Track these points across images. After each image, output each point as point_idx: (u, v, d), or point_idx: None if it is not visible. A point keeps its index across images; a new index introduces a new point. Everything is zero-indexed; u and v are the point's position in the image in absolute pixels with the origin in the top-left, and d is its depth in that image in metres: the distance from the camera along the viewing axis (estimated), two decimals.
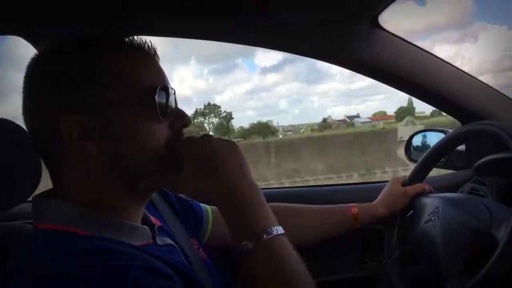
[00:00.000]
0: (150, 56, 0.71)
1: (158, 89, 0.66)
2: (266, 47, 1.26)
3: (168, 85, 0.70)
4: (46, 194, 0.70)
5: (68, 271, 0.54)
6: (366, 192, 1.33)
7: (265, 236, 0.63)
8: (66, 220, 0.63)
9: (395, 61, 1.21)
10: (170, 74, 0.73)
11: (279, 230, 0.64)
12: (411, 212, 1.11)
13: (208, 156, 0.67)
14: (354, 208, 1.09)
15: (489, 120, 1.25)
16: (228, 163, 0.67)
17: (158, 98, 0.66)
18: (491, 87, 1.31)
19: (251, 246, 0.62)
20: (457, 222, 0.91)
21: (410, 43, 1.22)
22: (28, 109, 0.68)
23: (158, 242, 0.73)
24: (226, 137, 0.71)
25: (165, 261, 0.64)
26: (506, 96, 1.32)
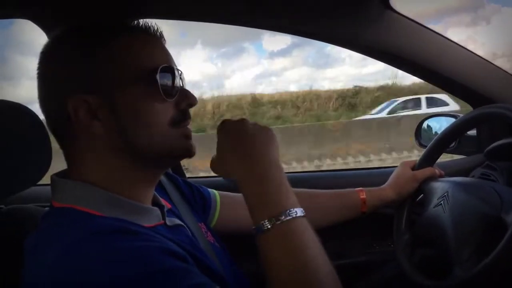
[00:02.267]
0: (155, 38, 0.72)
1: (160, 69, 0.67)
2: (274, 30, 1.25)
3: (173, 66, 0.71)
4: (63, 174, 0.71)
5: (86, 253, 0.54)
6: (374, 176, 1.32)
7: (283, 217, 0.63)
8: (81, 201, 0.64)
9: (406, 44, 1.19)
10: (177, 58, 0.74)
11: (299, 212, 0.65)
12: (420, 196, 1.11)
13: (239, 136, 0.70)
14: (363, 192, 1.09)
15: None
16: (256, 144, 0.69)
17: (161, 78, 0.67)
18: (505, 71, 1.29)
19: (269, 227, 0.63)
20: (466, 206, 0.90)
21: (422, 25, 1.20)
22: (41, 93, 0.70)
23: (168, 223, 0.74)
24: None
25: (175, 242, 0.64)
26: None
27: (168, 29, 0.75)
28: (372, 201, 1.08)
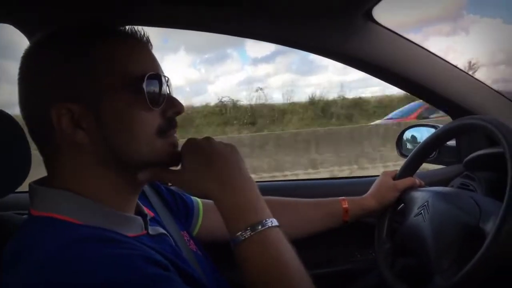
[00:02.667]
0: (142, 43, 0.70)
1: (147, 76, 0.65)
2: (257, 38, 1.25)
3: (160, 73, 0.69)
4: (42, 181, 0.69)
5: (67, 259, 0.53)
6: (357, 185, 1.33)
7: (260, 227, 0.64)
8: (61, 209, 0.63)
9: (387, 55, 1.21)
10: (161, 63, 0.73)
11: (274, 222, 0.66)
12: (401, 205, 1.12)
13: (208, 153, 0.69)
14: (345, 201, 1.10)
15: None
16: (226, 160, 0.69)
17: (147, 86, 0.65)
18: (483, 83, 1.32)
19: (246, 237, 0.63)
20: (446, 215, 0.92)
21: (403, 37, 1.22)
22: (22, 99, 0.68)
23: (150, 232, 0.73)
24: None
25: (158, 252, 0.64)
26: (498, 91, 1.33)
27: (152, 34, 0.74)
28: (354, 210, 1.09)
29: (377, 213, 1.13)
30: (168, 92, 0.70)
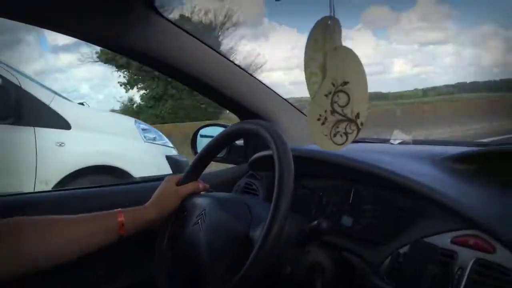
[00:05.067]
0: None
1: None
2: (34, 24, 1.05)
3: None
4: None
5: None
6: (138, 192, 1.22)
7: None
8: None
9: (171, 50, 1.14)
10: None
11: None
12: (185, 213, 1.06)
13: None
14: (121, 213, 0.97)
15: (265, 118, 1.30)
16: None
17: None
18: (268, 87, 1.37)
19: None
20: (220, 224, 0.89)
21: (189, 33, 1.17)
22: None
23: None
24: None
25: None
26: (281, 96, 1.40)
27: None
28: (131, 223, 0.97)
29: (157, 223, 1.04)
30: None
